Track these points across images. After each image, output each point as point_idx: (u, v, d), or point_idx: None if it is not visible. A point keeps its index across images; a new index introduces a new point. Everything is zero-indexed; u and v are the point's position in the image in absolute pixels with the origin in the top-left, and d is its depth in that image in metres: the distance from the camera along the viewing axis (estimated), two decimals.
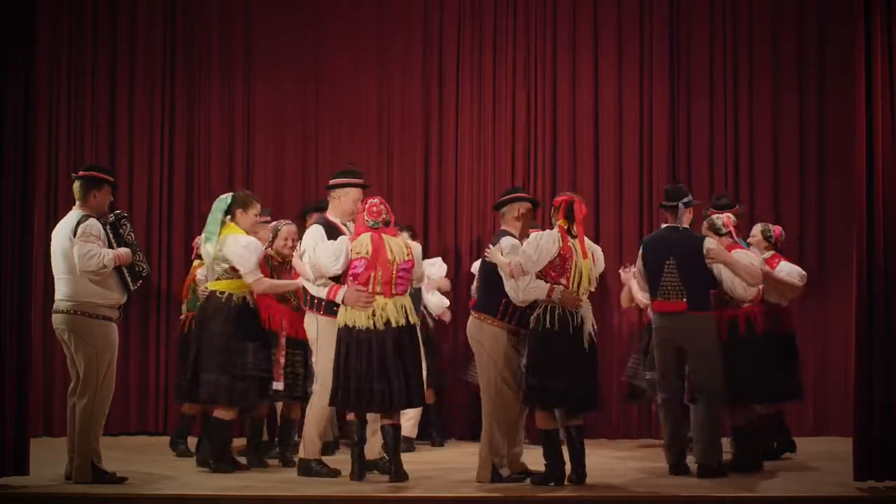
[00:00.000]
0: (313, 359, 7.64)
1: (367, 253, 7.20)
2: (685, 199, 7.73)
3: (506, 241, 7.30)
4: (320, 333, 7.51)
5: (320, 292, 7.32)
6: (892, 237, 6.92)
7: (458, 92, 10.54)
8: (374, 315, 7.15)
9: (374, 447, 7.67)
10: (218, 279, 7.73)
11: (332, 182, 7.80)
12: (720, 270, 7.66)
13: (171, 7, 10.59)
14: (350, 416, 7.38)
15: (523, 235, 7.44)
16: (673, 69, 10.46)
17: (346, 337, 7.18)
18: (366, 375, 7.11)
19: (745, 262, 7.74)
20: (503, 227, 7.50)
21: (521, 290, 7.05)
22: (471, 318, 7.47)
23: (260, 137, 10.62)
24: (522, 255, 7.09)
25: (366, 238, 7.25)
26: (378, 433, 7.56)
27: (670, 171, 10.38)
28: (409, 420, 8.98)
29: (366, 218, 7.30)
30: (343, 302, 7.21)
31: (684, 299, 7.52)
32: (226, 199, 7.83)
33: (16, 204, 6.95)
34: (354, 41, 10.61)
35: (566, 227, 7.19)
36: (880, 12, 6.99)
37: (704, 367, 7.52)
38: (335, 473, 7.44)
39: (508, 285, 7.10)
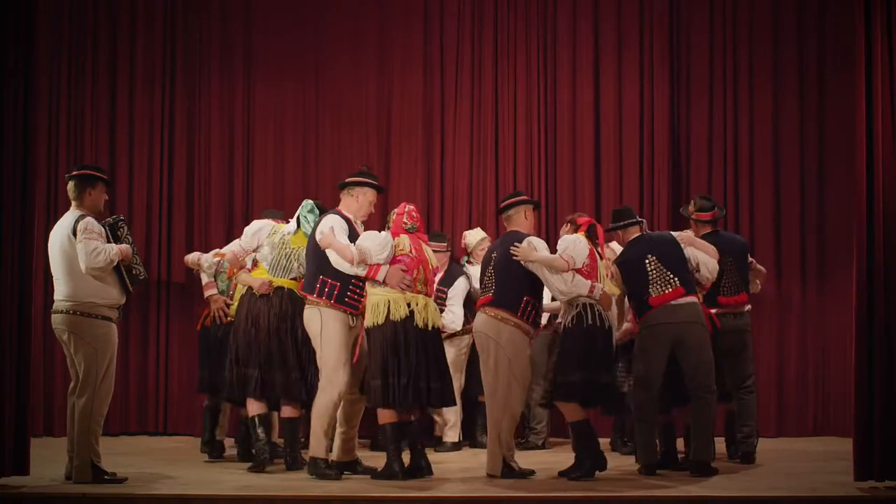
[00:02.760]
0: (318, 354, 7.54)
1: (410, 252, 7.38)
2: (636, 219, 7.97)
3: (537, 241, 7.45)
4: (324, 327, 7.45)
5: (358, 271, 7.33)
6: (891, 237, 6.92)
7: (458, 92, 10.54)
8: (417, 313, 7.27)
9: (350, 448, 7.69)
10: (295, 278, 7.87)
11: (351, 179, 7.76)
12: (692, 253, 7.80)
13: (171, 7, 10.60)
14: (386, 419, 7.31)
15: None
16: (673, 69, 10.46)
17: (390, 333, 7.24)
18: (415, 373, 7.22)
19: (701, 239, 8.02)
20: (514, 229, 7.58)
21: (569, 283, 7.25)
22: (483, 315, 7.48)
23: (260, 137, 10.63)
24: (566, 252, 7.30)
25: (406, 239, 7.43)
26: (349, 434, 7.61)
27: (670, 171, 10.37)
28: (454, 427, 9.11)
29: (405, 221, 7.51)
30: (384, 280, 7.28)
31: (678, 283, 7.57)
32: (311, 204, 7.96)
33: (16, 204, 6.95)
34: (354, 41, 10.62)
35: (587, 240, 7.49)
36: (880, 12, 6.99)
37: (703, 362, 7.57)
38: (338, 476, 7.41)
39: (556, 279, 7.25)
